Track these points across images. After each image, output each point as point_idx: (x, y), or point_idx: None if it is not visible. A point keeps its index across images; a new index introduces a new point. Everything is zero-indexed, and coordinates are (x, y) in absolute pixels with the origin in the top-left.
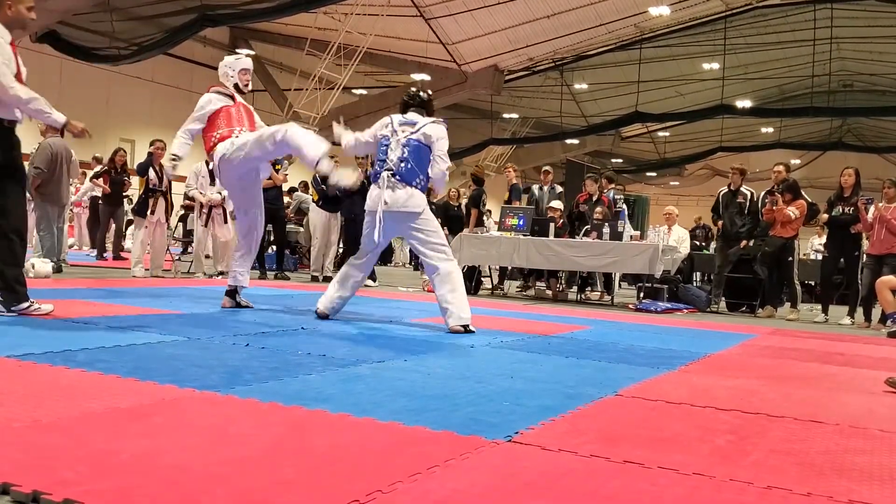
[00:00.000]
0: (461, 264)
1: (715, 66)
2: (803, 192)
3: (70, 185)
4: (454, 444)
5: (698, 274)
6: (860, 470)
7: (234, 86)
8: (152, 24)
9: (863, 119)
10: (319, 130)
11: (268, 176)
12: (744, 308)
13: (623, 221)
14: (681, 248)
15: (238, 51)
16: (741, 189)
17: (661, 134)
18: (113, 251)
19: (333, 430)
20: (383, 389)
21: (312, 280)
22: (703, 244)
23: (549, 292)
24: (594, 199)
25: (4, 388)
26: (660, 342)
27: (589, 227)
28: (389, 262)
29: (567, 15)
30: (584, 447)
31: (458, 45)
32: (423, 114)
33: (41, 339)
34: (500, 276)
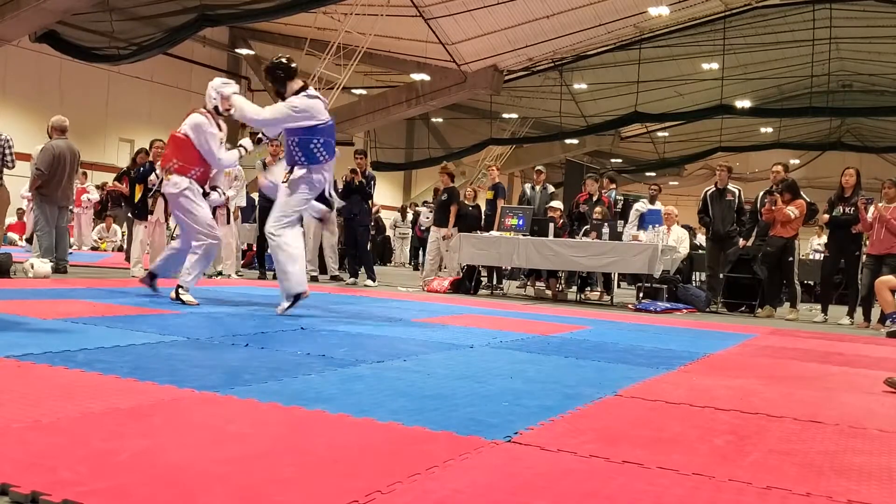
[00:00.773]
0: (461, 264)
1: (714, 66)
2: (802, 192)
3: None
4: (453, 445)
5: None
6: (859, 470)
7: (215, 108)
8: (152, 24)
9: (862, 119)
10: None
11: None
12: (743, 308)
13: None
14: (680, 247)
15: (238, 50)
16: (728, 187)
17: (660, 134)
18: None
19: (333, 430)
20: (383, 389)
21: (311, 280)
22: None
23: (548, 292)
24: (594, 199)
25: (3, 388)
26: (659, 342)
27: (589, 227)
28: (389, 262)
29: (566, 15)
30: (583, 447)
31: (458, 46)
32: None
33: (40, 339)
34: (496, 276)
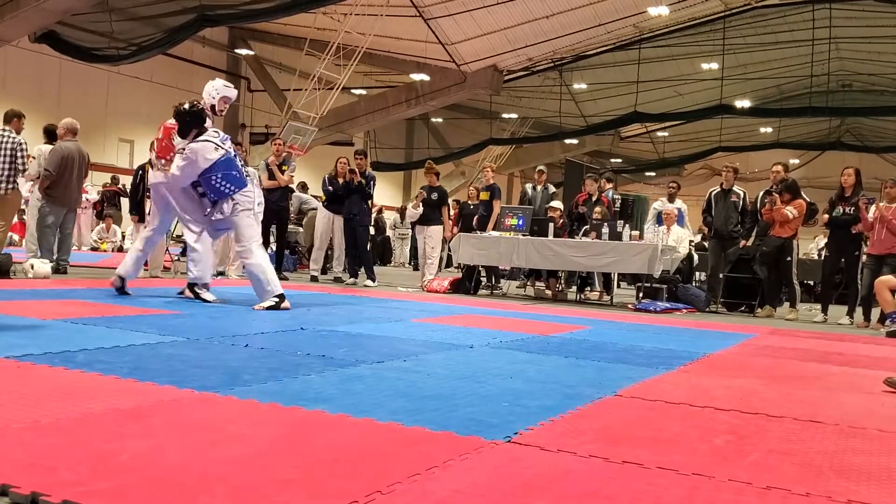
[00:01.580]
0: (460, 263)
1: (714, 66)
2: (802, 192)
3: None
4: (453, 445)
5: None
6: (859, 470)
7: (211, 107)
8: (151, 25)
9: (862, 119)
10: (318, 130)
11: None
12: (743, 308)
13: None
14: (680, 247)
15: (238, 50)
16: (734, 188)
17: (660, 134)
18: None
19: (333, 430)
20: (383, 390)
21: (312, 280)
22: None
23: (548, 292)
24: (593, 199)
25: (3, 389)
26: (659, 342)
27: (588, 227)
28: (389, 263)
29: (566, 15)
30: (583, 447)
31: (458, 46)
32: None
33: (40, 340)
34: (493, 276)
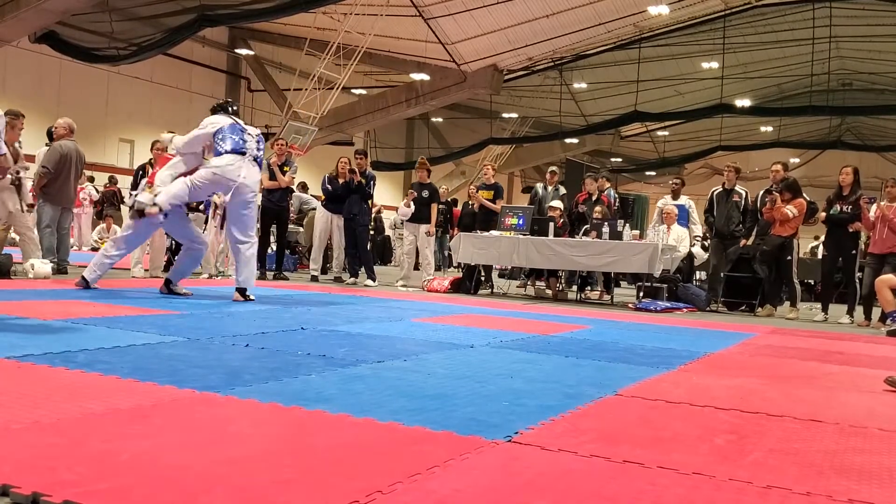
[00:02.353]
0: (459, 263)
1: (714, 65)
2: (803, 191)
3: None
4: (454, 445)
5: (699, 273)
6: (860, 470)
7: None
8: (151, 25)
9: (862, 118)
10: (318, 130)
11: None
12: (743, 307)
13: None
14: (680, 247)
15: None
16: (736, 188)
17: (660, 133)
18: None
19: (333, 430)
20: (383, 389)
21: (312, 280)
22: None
23: (548, 292)
24: (594, 198)
25: (3, 389)
26: (659, 341)
27: (588, 226)
28: (389, 262)
29: (566, 14)
30: (583, 447)
31: (458, 45)
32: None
33: (40, 340)
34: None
